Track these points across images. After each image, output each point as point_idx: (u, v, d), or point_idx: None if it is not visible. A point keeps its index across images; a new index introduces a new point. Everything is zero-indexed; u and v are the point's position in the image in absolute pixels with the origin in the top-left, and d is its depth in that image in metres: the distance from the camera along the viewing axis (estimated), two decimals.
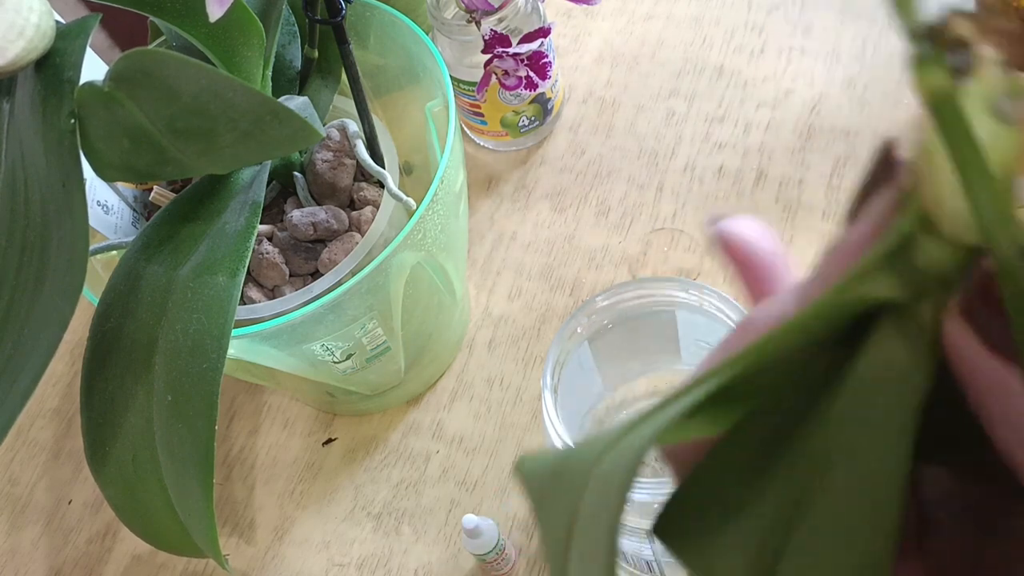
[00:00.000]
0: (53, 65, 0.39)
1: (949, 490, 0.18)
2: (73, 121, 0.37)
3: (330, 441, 0.56)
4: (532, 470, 0.21)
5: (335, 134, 0.48)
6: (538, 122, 0.62)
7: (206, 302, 0.39)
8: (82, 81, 0.38)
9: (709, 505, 0.18)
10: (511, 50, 0.53)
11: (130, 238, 0.47)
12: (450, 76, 0.47)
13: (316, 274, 0.47)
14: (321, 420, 0.57)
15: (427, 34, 0.48)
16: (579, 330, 0.44)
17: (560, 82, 0.63)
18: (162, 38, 0.49)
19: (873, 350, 0.16)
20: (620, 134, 0.62)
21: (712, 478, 0.18)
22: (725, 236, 0.21)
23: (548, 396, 0.42)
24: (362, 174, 0.49)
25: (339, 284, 0.44)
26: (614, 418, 0.50)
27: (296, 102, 0.45)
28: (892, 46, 0.61)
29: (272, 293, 0.47)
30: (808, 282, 0.18)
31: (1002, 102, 0.13)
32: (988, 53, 0.13)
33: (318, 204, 0.48)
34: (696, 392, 0.17)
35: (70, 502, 0.58)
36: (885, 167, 0.16)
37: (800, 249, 0.55)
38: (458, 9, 0.55)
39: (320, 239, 0.47)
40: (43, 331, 0.37)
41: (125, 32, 0.94)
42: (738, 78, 0.63)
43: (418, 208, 0.42)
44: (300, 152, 0.49)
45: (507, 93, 0.58)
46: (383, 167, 0.48)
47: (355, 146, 0.48)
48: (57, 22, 0.39)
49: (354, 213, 0.48)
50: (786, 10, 0.65)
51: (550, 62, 0.56)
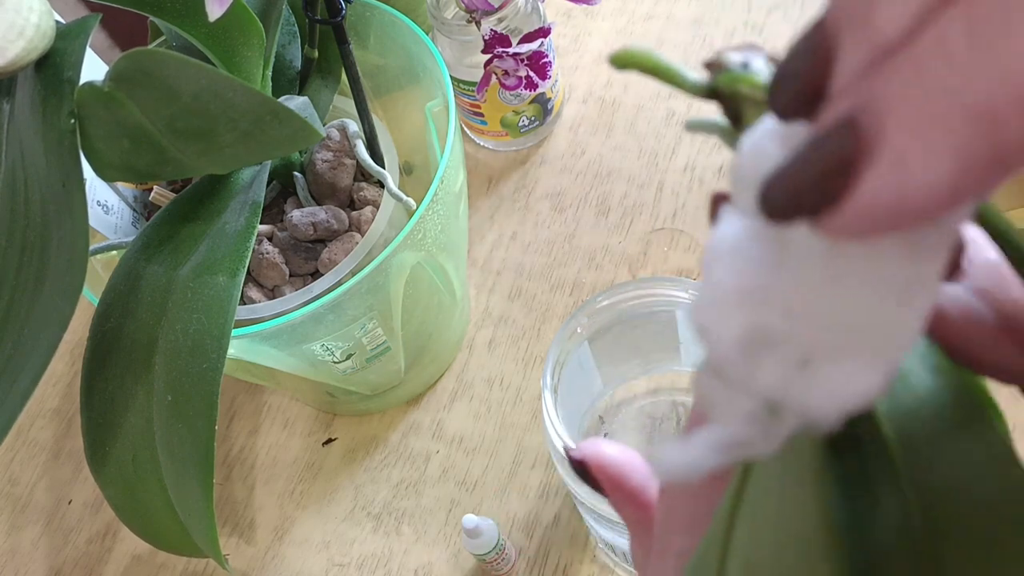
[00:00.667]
0: (53, 65, 0.39)
1: None
2: (73, 121, 0.37)
3: (330, 441, 0.56)
4: None
5: (335, 134, 0.48)
6: (538, 122, 0.62)
7: (206, 302, 0.39)
8: (82, 81, 0.38)
9: None
10: (511, 50, 0.53)
11: (130, 238, 0.47)
12: (450, 76, 0.47)
13: (316, 274, 0.47)
14: (321, 420, 0.57)
15: (427, 34, 0.48)
16: (579, 330, 0.44)
17: (560, 82, 0.63)
18: (162, 38, 0.49)
19: None
20: (620, 134, 0.62)
21: None
22: (593, 462, 0.21)
23: (548, 396, 0.42)
24: (362, 174, 0.49)
25: (339, 284, 0.44)
26: (614, 418, 0.50)
27: (296, 102, 0.45)
28: None
29: (272, 293, 0.47)
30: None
31: None
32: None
33: (318, 204, 0.48)
34: None
35: (70, 502, 0.58)
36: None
37: None
38: (458, 9, 0.55)
39: (320, 239, 0.47)
40: (43, 331, 0.37)
41: (125, 32, 0.94)
42: None
43: (418, 208, 0.42)
44: (300, 152, 0.49)
45: (507, 93, 0.58)
46: (383, 167, 0.48)
47: (355, 146, 0.48)
48: (57, 22, 0.39)
49: (354, 213, 0.48)
50: (786, 10, 0.65)
51: (550, 62, 0.56)
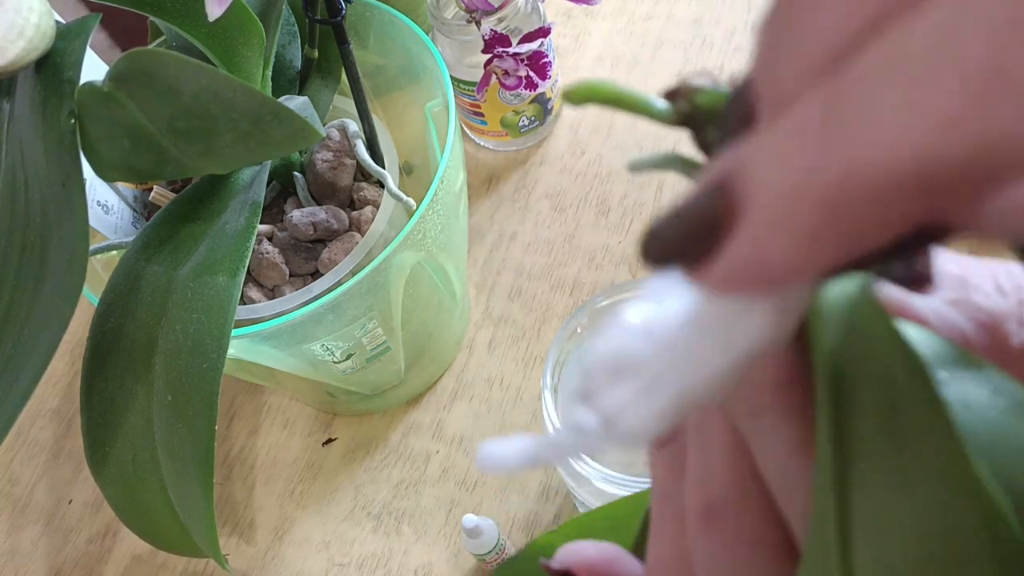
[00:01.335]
0: (53, 65, 0.39)
1: None
2: (73, 121, 0.37)
3: (330, 441, 0.56)
4: None
5: (335, 134, 0.48)
6: (538, 122, 0.62)
7: (206, 302, 0.39)
8: (82, 81, 0.38)
9: None
10: (511, 50, 0.53)
11: (130, 238, 0.47)
12: (450, 76, 0.47)
13: (316, 274, 0.47)
14: (321, 420, 0.57)
15: (427, 34, 0.48)
16: (579, 330, 0.44)
17: (560, 82, 0.63)
18: (162, 38, 0.49)
19: None
20: (620, 134, 0.62)
21: None
22: (579, 568, 0.20)
23: (548, 396, 0.42)
24: (362, 174, 0.49)
25: (339, 284, 0.44)
26: None
27: (296, 102, 0.45)
28: None
29: (272, 293, 0.47)
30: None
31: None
32: None
33: (318, 204, 0.48)
34: None
35: (70, 502, 0.58)
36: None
37: None
38: (458, 9, 0.55)
39: (320, 239, 0.47)
40: (43, 331, 0.37)
41: (125, 32, 0.94)
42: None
43: (418, 208, 0.42)
44: (300, 152, 0.49)
45: (507, 93, 0.58)
46: (383, 167, 0.48)
47: (355, 146, 0.48)
48: (57, 22, 0.39)
49: (354, 213, 0.48)
50: None
51: (550, 62, 0.56)
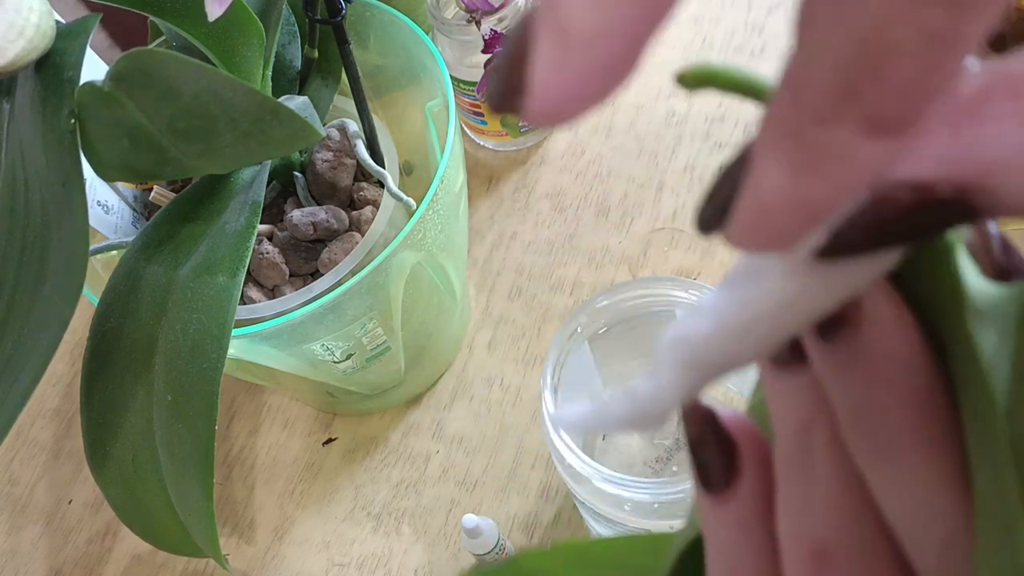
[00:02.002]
0: (53, 65, 0.39)
1: None
2: (73, 121, 0.37)
3: (330, 441, 0.56)
4: None
5: (335, 134, 0.48)
6: None
7: (206, 302, 0.39)
8: (82, 81, 0.38)
9: None
10: None
11: (130, 238, 0.47)
12: (450, 76, 0.47)
13: (316, 274, 0.47)
14: (321, 420, 0.57)
15: (427, 34, 0.48)
16: (579, 330, 0.44)
17: None
18: (162, 38, 0.49)
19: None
20: (620, 134, 0.62)
21: None
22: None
23: (548, 396, 0.42)
24: (362, 174, 0.49)
25: (339, 284, 0.44)
26: None
27: (296, 102, 0.45)
28: None
29: (272, 293, 0.47)
30: None
31: None
32: None
33: (318, 204, 0.48)
34: None
35: (70, 502, 0.58)
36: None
37: None
38: (458, 9, 0.55)
39: (320, 239, 0.47)
40: (43, 331, 0.37)
41: (125, 32, 0.94)
42: None
43: (418, 208, 0.42)
44: (300, 152, 0.49)
45: None
46: (383, 167, 0.48)
47: (355, 146, 0.48)
48: (57, 22, 0.39)
49: (354, 213, 0.48)
50: (786, 10, 0.65)
51: None
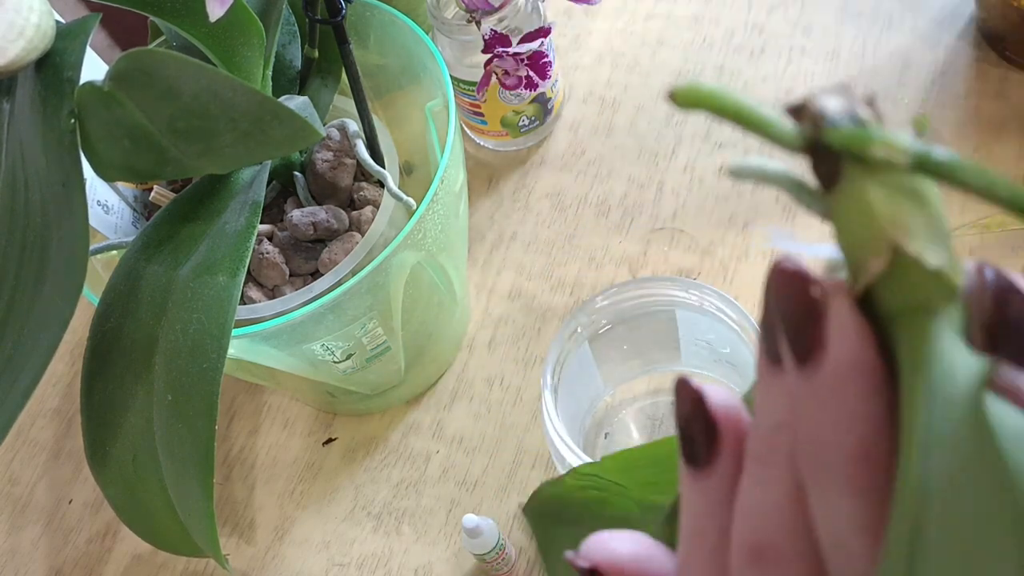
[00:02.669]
0: (53, 65, 0.39)
1: None
2: (73, 121, 0.37)
3: (330, 441, 0.56)
4: None
5: (335, 134, 0.48)
6: (538, 122, 0.62)
7: (206, 302, 0.39)
8: (82, 81, 0.38)
9: None
10: (511, 50, 0.53)
11: (130, 238, 0.47)
12: (450, 76, 0.47)
13: (316, 274, 0.47)
14: (321, 420, 0.57)
15: (427, 34, 0.48)
16: (579, 330, 0.44)
17: (560, 82, 0.63)
18: (162, 38, 0.49)
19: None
20: (620, 134, 0.62)
21: None
22: (607, 568, 0.19)
23: (548, 396, 0.42)
24: (362, 174, 0.49)
25: (339, 284, 0.44)
26: (614, 418, 0.50)
27: (296, 102, 0.45)
28: (892, 46, 0.61)
29: (272, 293, 0.47)
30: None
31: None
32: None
33: (318, 204, 0.48)
34: None
35: (70, 502, 0.58)
36: (799, 290, 0.16)
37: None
38: (458, 9, 0.55)
39: (320, 239, 0.47)
40: (43, 331, 0.37)
41: (125, 32, 0.94)
42: (738, 78, 0.63)
43: (418, 208, 0.42)
44: (300, 152, 0.49)
45: (507, 93, 0.58)
46: (383, 167, 0.48)
47: (355, 146, 0.48)
48: (57, 22, 0.39)
49: (354, 213, 0.48)
50: (786, 10, 0.65)
51: (550, 62, 0.56)
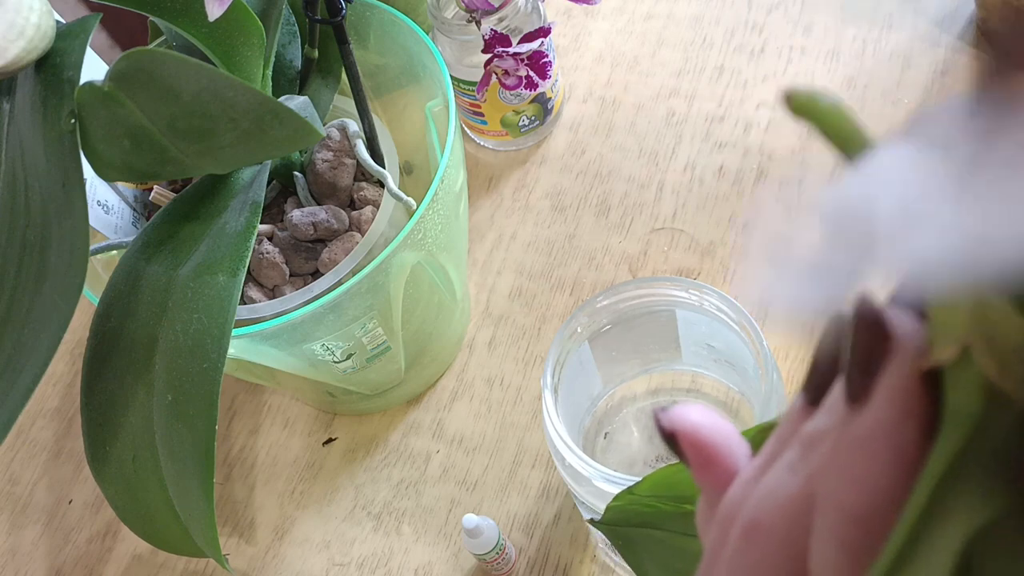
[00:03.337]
0: (53, 65, 0.39)
1: None
2: (73, 121, 0.37)
3: (330, 441, 0.56)
4: None
5: (335, 134, 0.48)
6: (538, 122, 0.62)
7: (206, 302, 0.39)
8: (82, 81, 0.38)
9: None
10: (511, 50, 0.53)
11: (130, 238, 0.47)
12: (450, 76, 0.47)
13: (316, 274, 0.47)
14: (321, 420, 0.57)
15: (427, 34, 0.48)
16: (579, 330, 0.44)
17: (560, 82, 0.63)
18: (162, 38, 0.49)
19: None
20: (620, 134, 0.62)
21: None
22: (684, 436, 0.20)
23: (548, 396, 0.42)
24: (362, 174, 0.49)
25: (339, 284, 0.44)
26: (614, 418, 0.50)
27: (296, 102, 0.45)
28: (892, 46, 0.61)
29: (272, 293, 0.47)
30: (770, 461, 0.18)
31: None
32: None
33: (318, 204, 0.48)
34: None
35: (70, 502, 0.58)
36: (872, 336, 0.15)
37: None
38: (458, 9, 0.55)
39: (320, 239, 0.47)
40: (43, 331, 0.37)
41: (125, 32, 0.94)
42: (738, 78, 0.63)
43: (418, 208, 0.42)
44: (300, 152, 0.49)
45: (507, 93, 0.58)
46: (383, 167, 0.48)
47: (355, 146, 0.48)
48: (57, 22, 0.39)
49: (354, 213, 0.48)
50: (786, 10, 0.65)
51: (550, 62, 0.56)
